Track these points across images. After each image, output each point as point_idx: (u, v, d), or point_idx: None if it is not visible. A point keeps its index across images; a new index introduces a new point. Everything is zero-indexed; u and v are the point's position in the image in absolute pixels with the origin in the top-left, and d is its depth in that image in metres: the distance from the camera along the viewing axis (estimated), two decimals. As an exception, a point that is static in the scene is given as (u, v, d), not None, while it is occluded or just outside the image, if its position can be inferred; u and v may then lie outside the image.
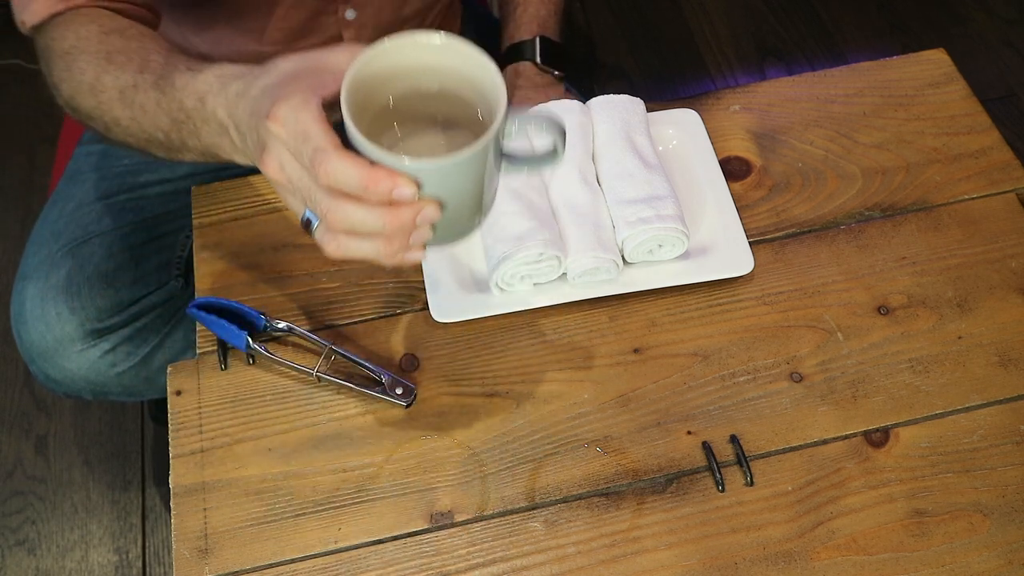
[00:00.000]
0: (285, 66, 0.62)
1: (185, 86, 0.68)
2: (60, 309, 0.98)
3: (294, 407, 0.77)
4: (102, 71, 0.75)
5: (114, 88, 0.74)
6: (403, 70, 0.61)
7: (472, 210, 0.62)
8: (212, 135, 0.67)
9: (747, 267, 0.82)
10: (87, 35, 0.78)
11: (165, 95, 0.70)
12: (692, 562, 0.70)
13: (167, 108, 0.70)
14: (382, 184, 0.55)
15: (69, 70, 0.77)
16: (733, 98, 0.95)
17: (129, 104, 0.73)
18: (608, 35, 2.08)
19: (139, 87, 0.72)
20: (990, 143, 0.90)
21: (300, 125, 0.57)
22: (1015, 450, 0.74)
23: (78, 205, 1.04)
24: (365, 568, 0.70)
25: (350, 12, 1.00)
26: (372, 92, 0.60)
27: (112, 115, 0.75)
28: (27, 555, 1.46)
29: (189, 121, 0.68)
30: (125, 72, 0.74)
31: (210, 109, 0.66)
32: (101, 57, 0.75)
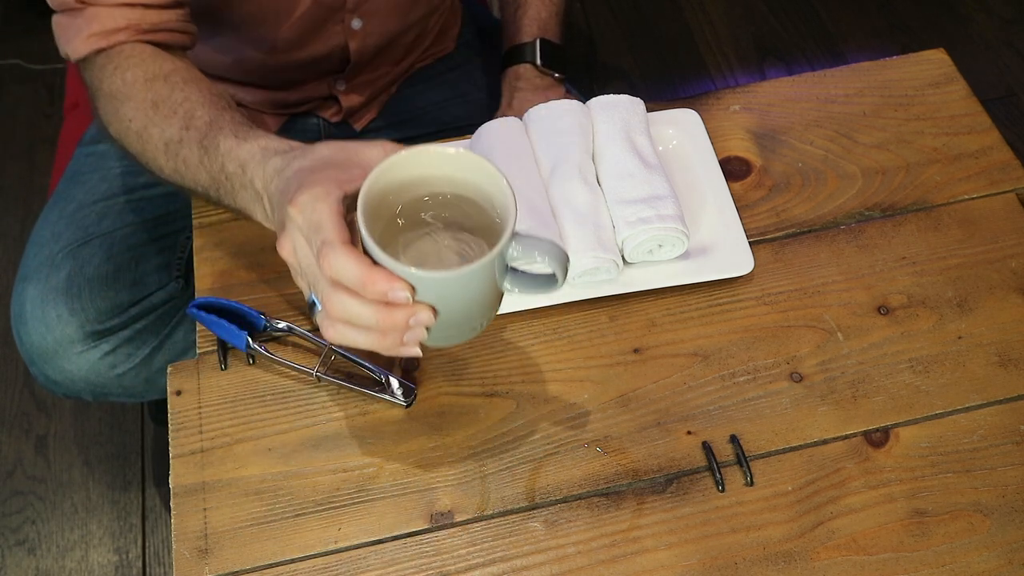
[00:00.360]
0: (323, 152, 0.65)
1: (229, 151, 0.72)
2: (60, 311, 0.98)
3: (294, 407, 0.77)
4: (148, 122, 0.79)
5: (160, 140, 0.78)
6: (420, 177, 0.64)
7: (470, 319, 0.65)
8: (248, 200, 0.71)
9: (747, 267, 0.82)
10: (132, 80, 0.81)
11: (208, 155, 0.74)
12: (692, 562, 0.70)
13: (208, 167, 0.74)
14: (379, 285, 0.58)
15: (116, 114, 0.81)
16: (733, 98, 0.95)
17: (173, 157, 0.78)
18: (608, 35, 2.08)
19: (183, 142, 0.76)
20: (990, 143, 0.91)
21: (316, 215, 0.60)
22: (1015, 450, 0.74)
23: (78, 206, 1.05)
24: (365, 568, 0.70)
25: (356, 22, 1.01)
26: (390, 195, 0.63)
27: (156, 163, 0.80)
28: (27, 555, 1.46)
29: (228, 183, 0.73)
30: (171, 125, 0.78)
31: (249, 177, 0.70)
32: (147, 106, 0.79)
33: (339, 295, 0.60)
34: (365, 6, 1.00)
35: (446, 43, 1.18)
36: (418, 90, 1.16)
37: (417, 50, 1.15)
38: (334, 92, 1.10)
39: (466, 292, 0.62)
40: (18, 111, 1.95)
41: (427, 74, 1.17)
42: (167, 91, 0.80)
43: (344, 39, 1.03)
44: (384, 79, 1.13)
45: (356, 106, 1.12)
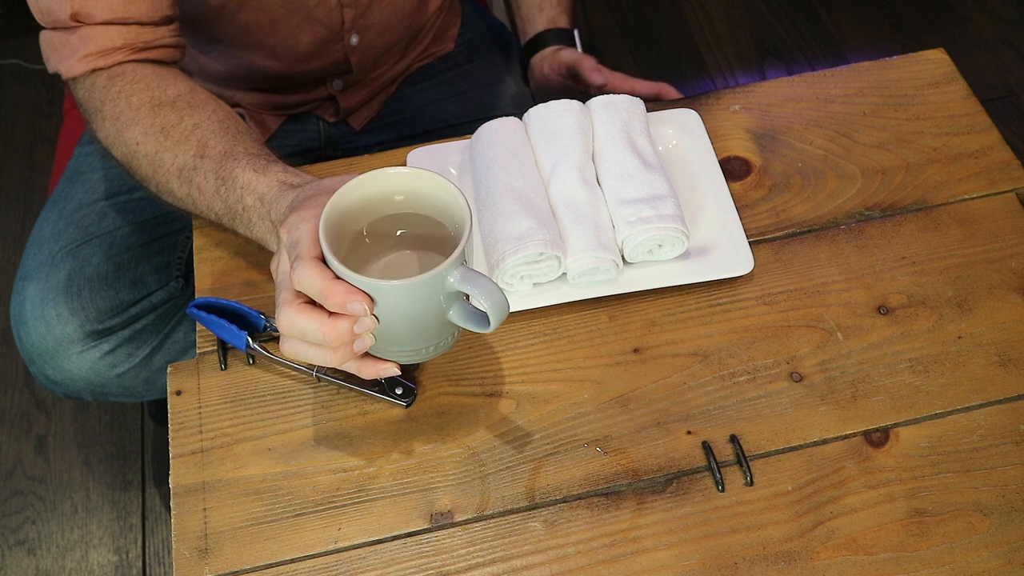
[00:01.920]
0: (327, 184, 0.69)
1: (248, 184, 0.74)
2: (60, 310, 0.98)
3: (294, 407, 0.77)
4: (160, 147, 0.80)
5: (172, 166, 0.79)
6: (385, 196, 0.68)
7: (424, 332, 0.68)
8: (264, 231, 0.74)
9: (747, 267, 0.82)
10: (138, 105, 0.82)
11: (226, 185, 0.76)
12: (692, 562, 0.70)
13: (225, 198, 0.76)
14: (337, 297, 0.62)
15: (120, 137, 0.82)
16: (733, 98, 0.95)
17: (187, 183, 0.79)
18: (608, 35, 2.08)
19: (198, 170, 0.78)
20: (990, 143, 0.91)
21: (297, 233, 0.64)
22: (1015, 450, 0.74)
23: (78, 206, 1.04)
24: (365, 568, 0.70)
25: (354, 38, 1.01)
26: (355, 214, 0.67)
27: (168, 187, 0.81)
28: (27, 555, 1.46)
29: (246, 214, 0.75)
30: (184, 152, 0.79)
31: (267, 209, 0.73)
32: (156, 131, 0.80)
33: (287, 311, 0.64)
34: (362, 22, 1.00)
35: (445, 43, 1.18)
36: (417, 89, 1.16)
37: (416, 50, 1.15)
38: (332, 92, 1.10)
39: (415, 303, 0.65)
40: (18, 111, 1.95)
41: (426, 73, 1.17)
42: (176, 117, 0.80)
43: (344, 54, 1.03)
44: (382, 79, 1.13)
45: (354, 106, 1.13)
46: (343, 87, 1.10)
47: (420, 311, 0.65)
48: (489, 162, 0.84)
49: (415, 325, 0.67)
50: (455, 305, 0.66)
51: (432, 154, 0.88)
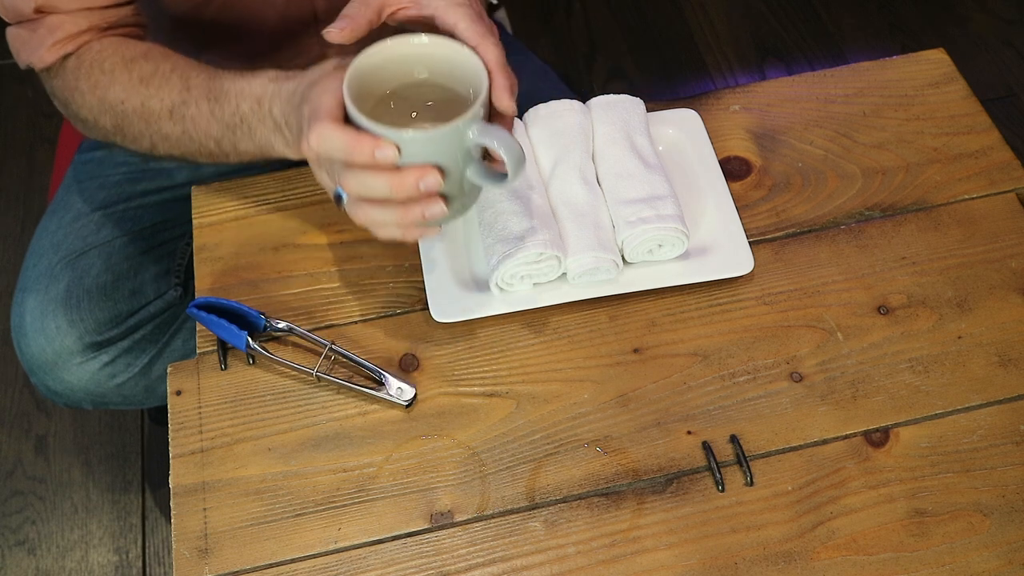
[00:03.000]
0: (327, 65, 0.69)
1: (240, 92, 0.74)
2: (59, 322, 0.98)
3: (294, 407, 0.77)
4: (146, 97, 0.80)
5: (163, 109, 0.80)
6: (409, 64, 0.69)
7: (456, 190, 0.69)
8: (267, 133, 0.74)
9: (747, 267, 0.82)
10: (111, 68, 0.82)
11: (219, 103, 0.76)
12: (692, 562, 0.70)
13: (220, 116, 0.76)
14: (364, 146, 0.62)
15: (103, 102, 0.83)
16: (733, 98, 0.95)
17: (180, 119, 0.79)
18: (608, 35, 2.08)
19: (188, 103, 0.78)
20: (990, 143, 0.90)
21: (313, 103, 0.65)
22: (1015, 450, 0.74)
23: (76, 216, 1.04)
24: (365, 568, 0.70)
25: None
26: (378, 79, 0.69)
27: (161, 133, 0.81)
28: (27, 555, 1.46)
29: (244, 124, 0.75)
30: (170, 92, 0.79)
31: (266, 109, 0.73)
32: (136, 83, 0.81)
33: (353, 172, 0.64)
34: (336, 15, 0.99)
35: None
36: None
37: None
38: None
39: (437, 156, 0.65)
40: (18, 111, 1.95)
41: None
42: (152, 67, 0.81)
43: (320, 49, 1.02)
44: None
45: None
46: None
47: (442, 166, 0.66)
48: (489, 162, 0.84)
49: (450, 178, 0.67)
50: (472, 163, 0.67)
51: (432, 154, 0.88)
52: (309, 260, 0.84)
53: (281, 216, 0.87)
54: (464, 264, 0.83)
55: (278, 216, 0.87)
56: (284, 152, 0.75)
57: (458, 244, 0.84)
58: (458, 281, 0.81)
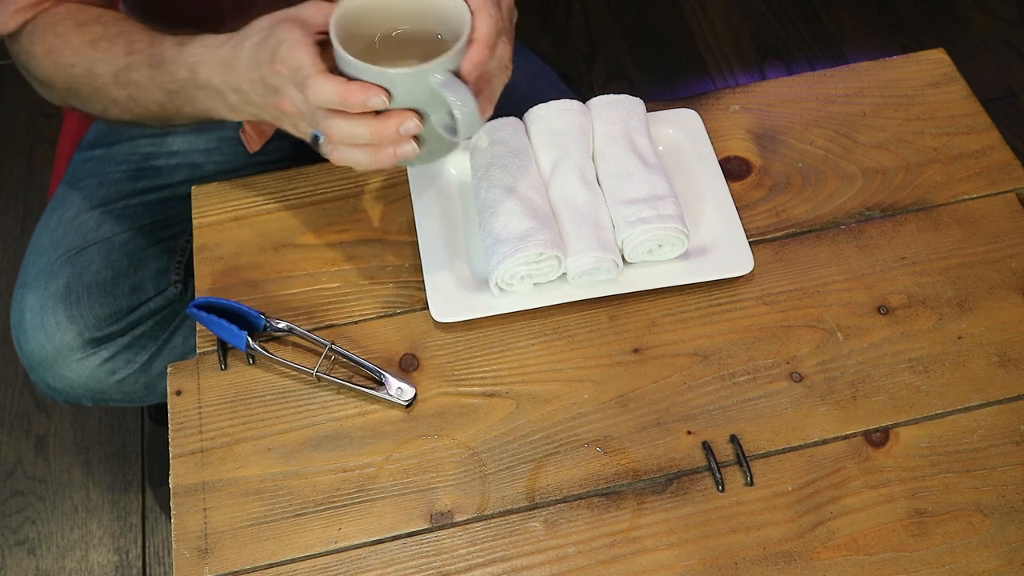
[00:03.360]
0: (263, 23, 0.71)
1: (176, 59, 0.76)
2: (59, 318, 0.98)
3: (294, 407, 0.77)
4: (92, 61, 0.82)
5: (107, 73, 0.81)
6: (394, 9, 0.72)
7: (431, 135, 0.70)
8: (206, 100, 0.76)
9: (747, 267, 0.82)
10: (64, 32, 0.84)
11: (158, 70, 0.77)
12: (692, 562, 0.70)
13: (160, 82, 0.77)
14: (357, 95, 0.65)
15: (55, 66, 0.84)
16: (733, 98, 0.95)
17: (124, 84, 0.80)
18: (608, 35, 2.08)
19: (131, 67, 0.79)
20: (990, 143, 0.90)
21: (295, 60, 0.67)
22: (1015, 450, 0.74)
23: (76, 213, 1.04)
24: (365, 568, 0.70)
25: None
26: (357, 27, 0.70)
27: (109, 97, 0.82)
28: (27, 555, 1.46)
29: (182, 91, 0.76)
30: (115, 56, 0.80)
31: (203, 78, 0.74)
32: (86, 47, 0.82)
33: (335, 119, 0.67)
34: None
35: None
36: None
37: None
38: None
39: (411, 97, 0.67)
40: (18, 111, 1.95)
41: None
42: (101, 30, 0.82)
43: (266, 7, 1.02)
44: None
45: None
46: None
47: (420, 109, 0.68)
48: (489, 162, 0.84)
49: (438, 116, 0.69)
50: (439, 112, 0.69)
51: (432, 154, 0.88)
52: (309, 260, 0.84)
53: (281, 216, 0.87)
54: (464, 264, 0.83)
55: (278, 216, 0.87)
56: (226, 116, 0.76)
57: (458, 244, 0.84)
58: (458, 281, 0.81)
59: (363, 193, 0.88)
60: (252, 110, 0.74)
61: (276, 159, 1.06)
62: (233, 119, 0.77)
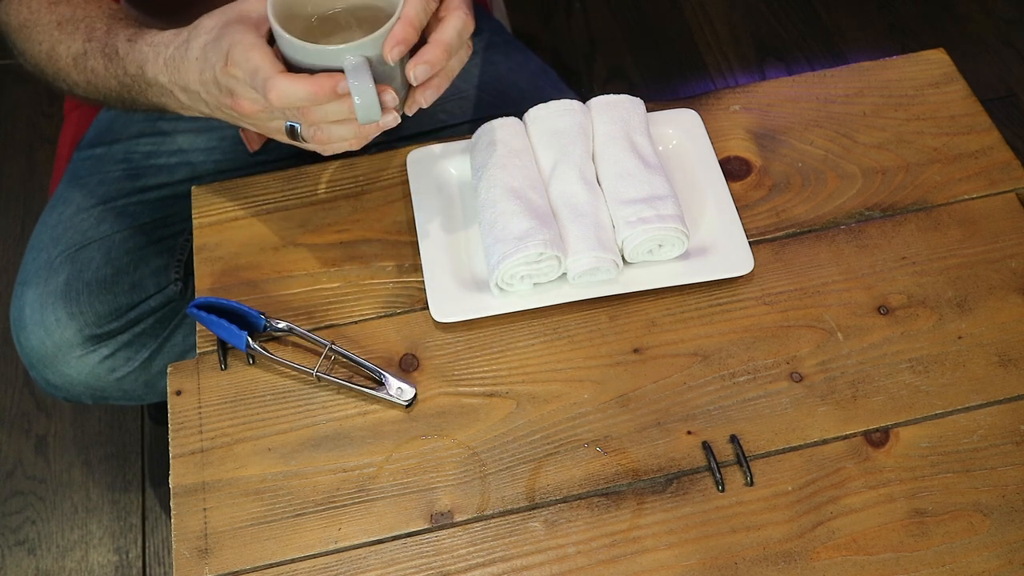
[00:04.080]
0: (209, 23, 0.71)
1: (127, 55, 0.77)
2: (59, 315, 0.98)
3: (294, 407, 0.77)
4: (56, 41, 0.83)
5: (67, 56, 0.83)
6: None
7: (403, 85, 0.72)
8: (156, 96, 0.77)
9: (747, 267, 0.82)
10: (37, 7, 0.85)
11: (111, 62, 0.79)
12: (692, 562, 0.70)
13: (114, 73, 0.79)
14: (326, 88, 0.66)
15: (28, 41, 0.86)
16: (733, 98, 0.95)
17: (82, 70, 0.82)
18: (608, 35, 2.08)
19: (88, 54, 0.81)
20: (990, 143, 0.91)
21: (250, 63, 0.67)
22: (1015, 450, 0.74)
23: (76, 210, 1.04)
24: (365, 568, 0.70)
25: None
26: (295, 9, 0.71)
27: (71, 79, 0.84)
28: (27, 555, 1.46)
29: (135, 84, 0.77)
30: (75, 40, 0.82)
31: (151, 76, 0.75)
32: (52, 27, 0.83)
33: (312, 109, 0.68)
34: None
35: None
36: None
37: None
38: None
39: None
40: (18, 111, 1.95)
41: (425, 74, 1.17)
42: (69, 11, 0.84)
43: None
44: None
45: None
46: None
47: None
48: (489, 162, 0.84)
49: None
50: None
51: (432, 154, 0.89)
52: (309, 260, 0.84)
53: (281, 216, 0.87)
54: (464, 264, 0.83)
55: (278, 216, 0.87)
56: (179, 112, 0.78)
57: (458, 244, 0.84)
58: (458, 281, 0.81)
59: (363, 193, 0.88)
60: (204, 109, 0.75)
61: (276, 159, 1.06)
62: (186, 115, 0.78)
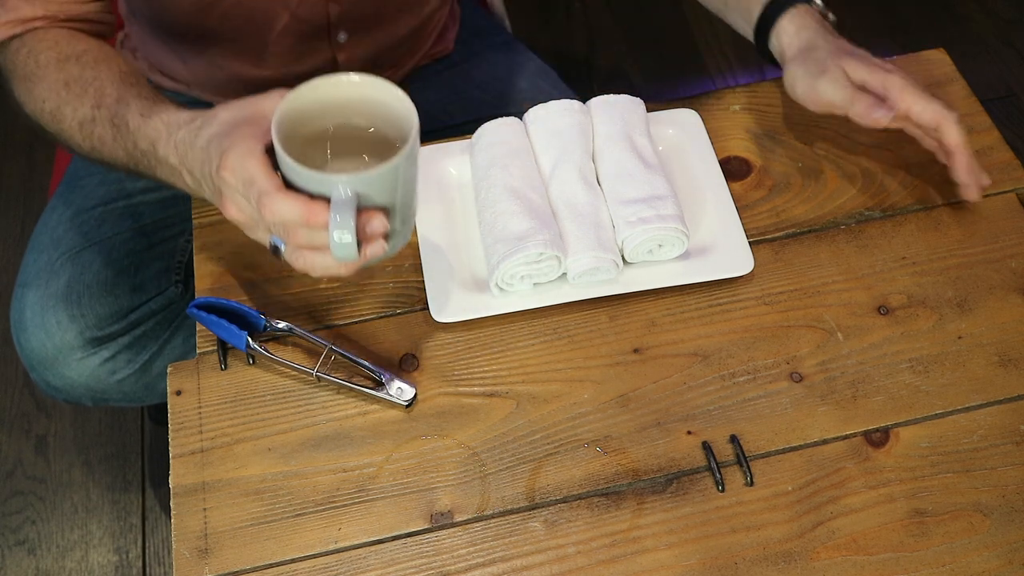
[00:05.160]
0: (225, 115, 0.70)
1: (137, 129, 0.75)
2: (60, 317, 0.98)
3: (294, 407, 0.77)
4: (61, 102, 0.81)
5: (73, 119, 0.80)
6: (327, 105, 0.69)
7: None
8: (166, 174, 0.75)
9: (747, 267, 0.82)
10: (46, 63, 0.83)
11: (120, 134, 0.77)
12: (692, 562, 0.70)
13: (123, 145, 0.77)
14: (320, 216, 0.63)
15: (31, 94, 0.84)
16: (733, 98, 0.95)
17: (88, 136, 0.80)
18: (608, 35, 2.08)
19: (96, 121, 0.79)
20: (990, 143, 0.90)
21: (246, 172, 0.65)
22: (1015, 450, 0.74)
23: (77, 212, 1.04)
24: (365, 568, 0.70)
25: (342, 35, 1.00)
26: (301, 125, 0.68)
27: (74, 142, 0.82)
28: (27, 555, 1.46)
29: (144, 159, 0.76)
30: (83, 104, 0.80)
31: (162, 155, 0.74)
32: (60, 86, 0.81)
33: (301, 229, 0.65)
34: (350, 18, 0.99)
35: (445, 44, 1.18)
36: (415, 89, 1.16)
37: (415, 55, 1.14)
38: None
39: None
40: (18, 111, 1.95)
41: (424, 74, 1.17)
42: (78, 71, 0.81)
43: (332, 53, 1.02)
44: None
45: None
46: None
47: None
48: (489, 162, 0.84)
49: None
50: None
51: (432, 154, 0.88)
52: (309, 260, 0.84)
53: (281, 216, 0.87)
54: (464, 264, 0.83)
55: (278, 216, 0.87)
56: (186, 191, 0.75)
57: (458, 244, 0.84)
58: (458, 281, 0.81)
59: (363, 193, 0.88)
60: (208, 196, 0.73)
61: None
62: (195, 196, 0.77)
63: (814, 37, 0.86)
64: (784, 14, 0.87)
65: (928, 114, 0.79)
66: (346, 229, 0.63)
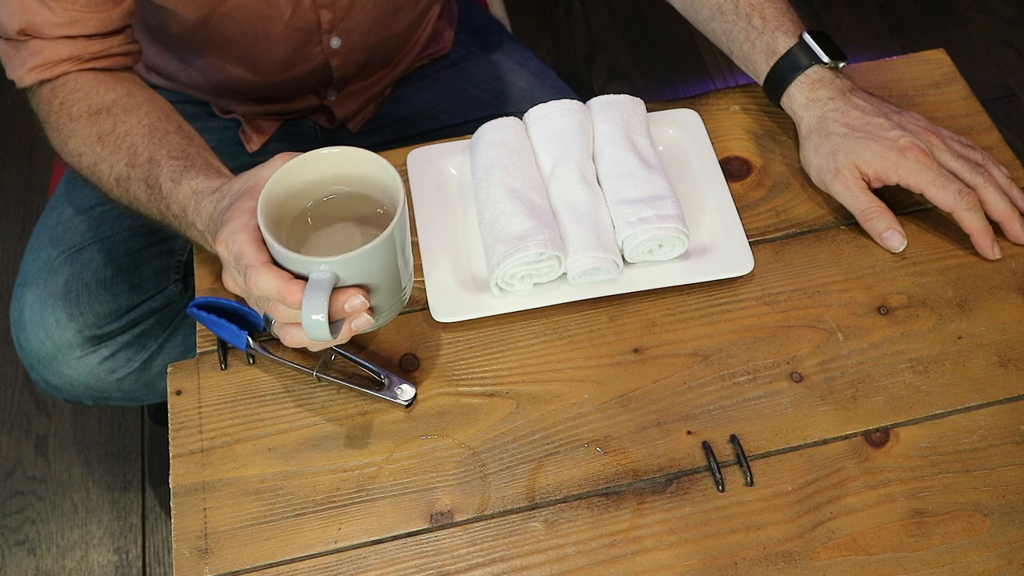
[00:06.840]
0: (236, 186, 0.72)
1: (169, 194, 0.78)
2: (59, 316, 0.98)
3: (294, 407, 0.77)
4: (97, 158, 0.83)
5: (110, 175, 0.82)
6: (314, 179, 0.71)
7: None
8: (196, 238, 0.78)
9: (747, 267, 0.82)
10: (77, 115, 0.84)
11: (154, 195, 0.79)
12: (692, 562, 0.70)
13: (156, 206, 0.79)
14: (295, 296, 0.65)
15: (65, 146, 0.85)
16: (733, 98, 0.95)
17: (124, 193, 0.82)
18: (608, 35, 2.08)
19: (131, 180, 0.81)
20: (990, 143, 0.90)
21: (236, 246, 0.68)
22: (1015, 450, 0.74)
23: (76, 211, 1.04)
24: (365, 568, 0.70)
25: (335, 40, 1.00)
26: (289, 201, 0.70)
27: (113, 194, 0.84)
28: (27, 555, 1.46)
29: (176, 221, 0.78)
30: (118, 161, 0.82)
31: (190, 220, 0.77)
32: (94, 140, 0.83)
33: (278, 307, 0.67)
34: (343, 25, 0.99)
35: (442, 44, 1.18)
36: (414, 89, 1.16)
37: (410, 55, 1.14)
38: (326, 103, 1.10)
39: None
40: (18, 111, 1.95)
41: (423, 74, 1.17)
42: (110, 125, 0.83)
43: (325, 58, 1.02)
44: (378, 85, 1.13)
45: (349, 115, 1.12)
46: (336, 98, 1.10)
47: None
48: (489, 162, 0.84)
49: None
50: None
51: (432, 154, 0.89)
52: (309, 260, 0.84)
53: (281, 216, 0.87)
54: (464, 264, 0.83)
55: (278, 216, 0.87)
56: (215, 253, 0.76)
57: (458, 244, 0.84)
58: (458, 281, 0.81)
59: (363, 193, 0.88)
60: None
61: None
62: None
63: (825, 115, 0.85)
64: (792, 83, 0.87)
65: (940, 202, 0.81)
66: (319, 311, 0.64)
